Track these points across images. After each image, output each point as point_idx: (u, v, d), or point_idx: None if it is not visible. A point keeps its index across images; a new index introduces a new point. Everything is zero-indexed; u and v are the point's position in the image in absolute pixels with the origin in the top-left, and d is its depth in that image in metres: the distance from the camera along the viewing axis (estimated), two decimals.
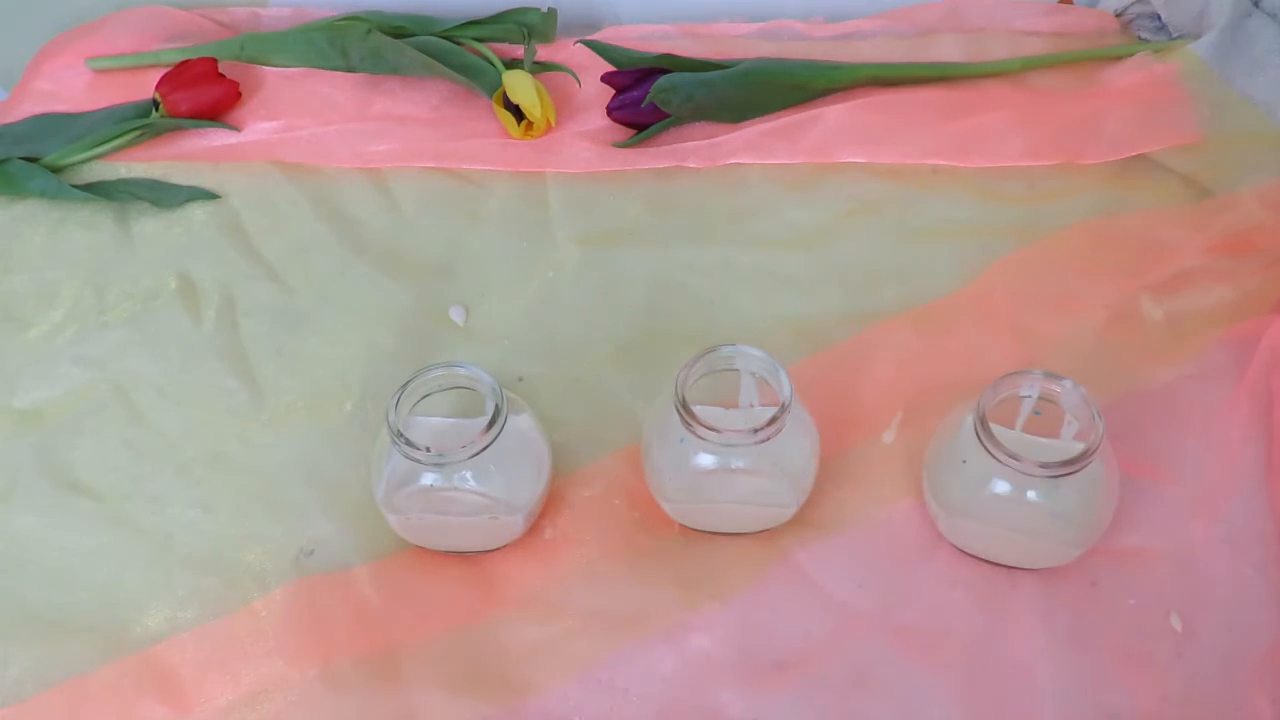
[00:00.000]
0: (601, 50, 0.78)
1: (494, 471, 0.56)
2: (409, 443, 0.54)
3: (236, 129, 0.80)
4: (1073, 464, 0.52)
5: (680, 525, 0.60)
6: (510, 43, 0.82)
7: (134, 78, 0.82)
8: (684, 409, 0.54)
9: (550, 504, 0.61)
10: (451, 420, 0.58)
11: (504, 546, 0.60)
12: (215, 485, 0.63)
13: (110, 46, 0.84)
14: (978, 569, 0.58)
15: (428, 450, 0.54)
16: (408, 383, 0.56)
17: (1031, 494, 0.54)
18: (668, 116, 0.76)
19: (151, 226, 0.75)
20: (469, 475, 0.55)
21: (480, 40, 0.81)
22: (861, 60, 0.79)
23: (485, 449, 0.54)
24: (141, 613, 0.58)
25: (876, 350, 0.65)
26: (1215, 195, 0.71)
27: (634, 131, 0.77)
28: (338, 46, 0.81)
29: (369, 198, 0.76)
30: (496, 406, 0.55)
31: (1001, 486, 0.54)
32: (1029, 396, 0.56)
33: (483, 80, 0.78)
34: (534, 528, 0.60)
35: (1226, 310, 0.65)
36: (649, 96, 0.75)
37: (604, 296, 0.69)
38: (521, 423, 0.58)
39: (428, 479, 0.56)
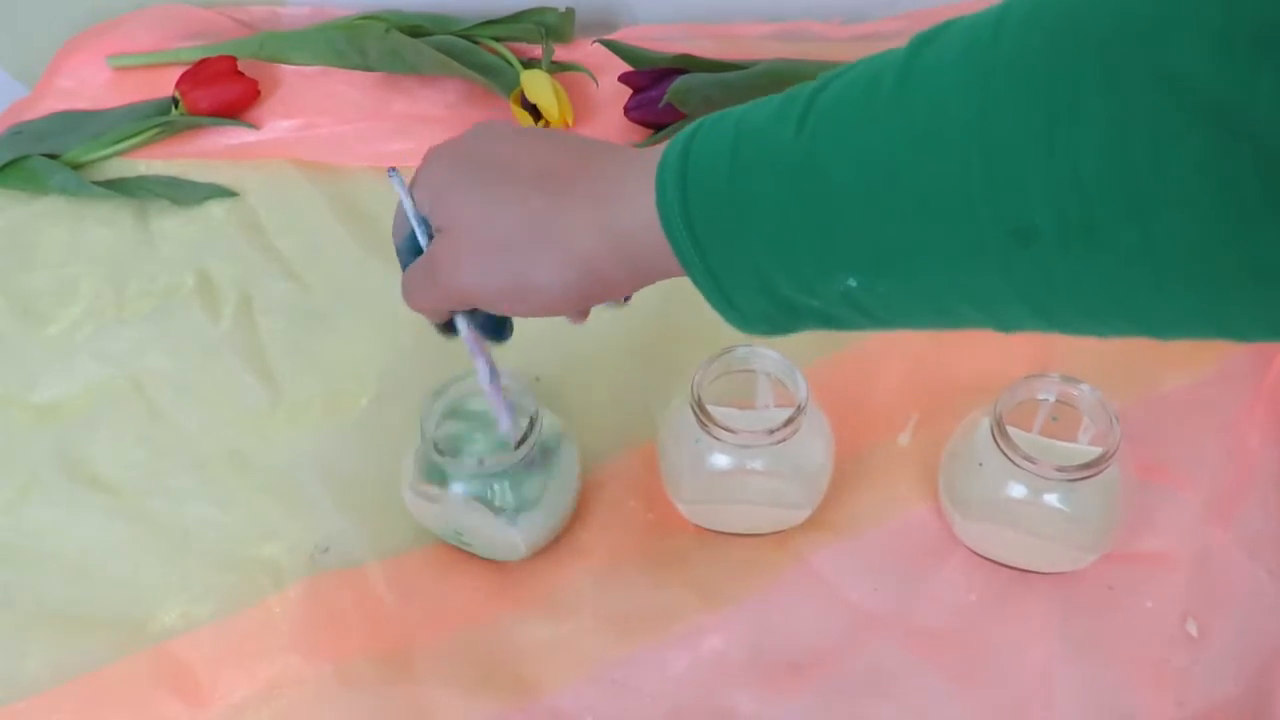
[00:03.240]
0: (619, 50, 0.78)
1: (525, 484, 0.56)
2: (439, 450, 0.54)
3: (255, 127, 0.80)
4: (1089, 468, 0.52)
5: (695, 526, 0.60)
6: (528, 42, 0.82)
7: (154, 75, 0.83)
8: (700, 409, 0.54)
9: None
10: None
11: None
12: (232, 482, 0.63)
13: (130, 44, 0.84)
14: (993, 572, 0.57)
15: (445, 456, 0.54)
16: (443, 389, 0.56)
17: (1048, 497, 0.54)
18: (685, 116, 0.76)
19: (170, 224, 0.75)
20: (505, 486, 0.56)
21: (498, 39, 0.81)
22: None
23: (519, 463, 0.55)
24: (158, 608, 0.59)
25: (893, 352, 0.65)
26: None
27: (651, 132, 0.77)
28: (356, 45, 0.81)
29: (386, 196, 0.75)
30: (530, 420, 0.55)
31: (1018, 490, 0.54)
32: (1046, 400, 0.55)
33: (500, 80, 0.79)
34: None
35: None
36: (666, 96, 0.75)
37: None
38: (554, 436, 0.58)
39: (456, 488, 0.56)
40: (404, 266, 0.51)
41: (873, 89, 0.35)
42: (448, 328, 0.51)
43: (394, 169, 0.49)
